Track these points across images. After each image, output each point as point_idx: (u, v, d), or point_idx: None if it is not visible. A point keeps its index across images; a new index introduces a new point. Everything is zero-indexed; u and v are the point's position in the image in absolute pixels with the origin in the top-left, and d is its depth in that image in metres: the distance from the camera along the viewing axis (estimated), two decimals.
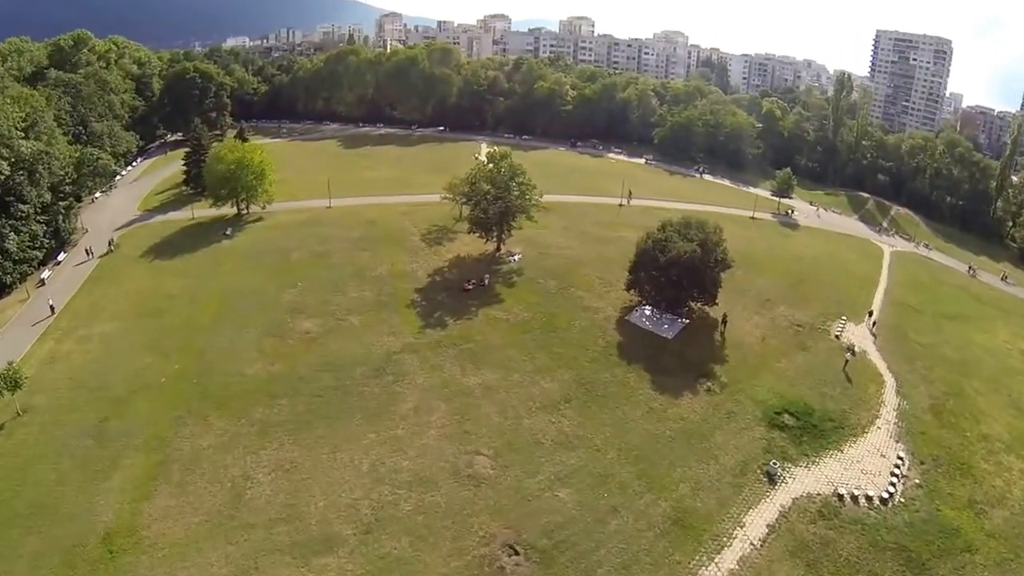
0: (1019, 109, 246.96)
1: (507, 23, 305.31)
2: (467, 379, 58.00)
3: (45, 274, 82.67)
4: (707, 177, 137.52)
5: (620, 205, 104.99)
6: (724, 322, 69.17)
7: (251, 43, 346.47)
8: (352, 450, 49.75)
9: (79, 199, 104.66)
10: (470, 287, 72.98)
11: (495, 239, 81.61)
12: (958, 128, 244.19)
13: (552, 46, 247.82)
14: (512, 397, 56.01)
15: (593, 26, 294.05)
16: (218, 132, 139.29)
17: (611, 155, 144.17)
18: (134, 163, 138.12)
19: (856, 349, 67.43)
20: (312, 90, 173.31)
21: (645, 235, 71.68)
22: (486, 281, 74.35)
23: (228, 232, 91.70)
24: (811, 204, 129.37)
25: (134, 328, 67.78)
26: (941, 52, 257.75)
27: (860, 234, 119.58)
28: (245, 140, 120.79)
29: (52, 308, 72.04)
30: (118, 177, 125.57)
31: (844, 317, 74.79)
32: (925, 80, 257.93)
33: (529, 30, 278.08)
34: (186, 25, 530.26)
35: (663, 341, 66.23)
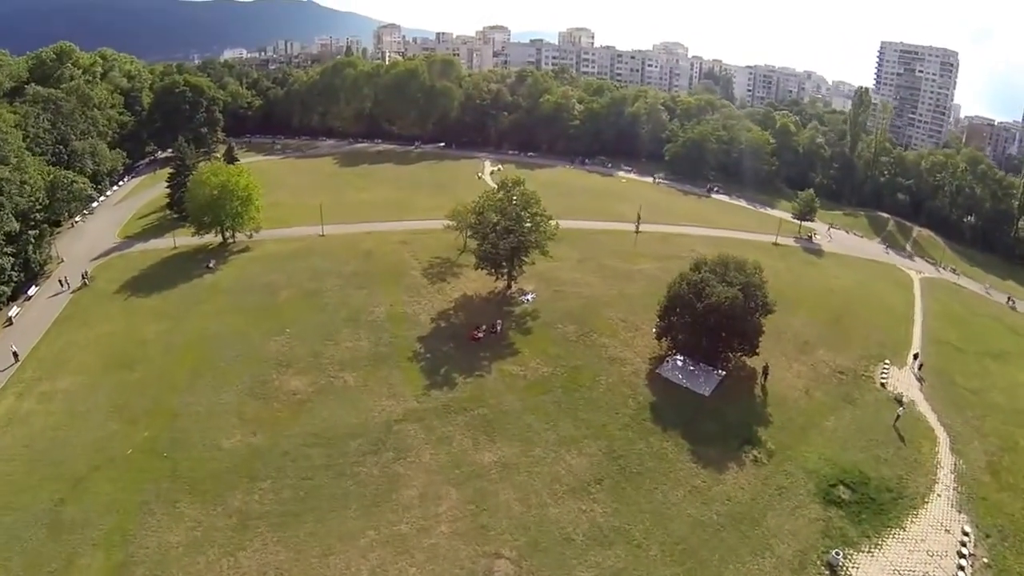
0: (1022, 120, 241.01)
1: (506, 35, 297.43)
2: (481, 455, 49.31)
3: (13, 311, 73.74)
4: (721, 197, 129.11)
5: (636, 231, 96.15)
6: (765, 374, 60.99)
7: (248, 55, 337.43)
8: (348, 552, 41.03)
9: (57, 224, 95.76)
10: (480, 335, 64.24)
11: (505, 276, 72.55)
12: (964, 140, 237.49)
13: (554, 58, 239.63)
14: (534, 478, 47.34)
15: (593, 37, 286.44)
16: (206, 150, 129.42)
17: (620, 173, 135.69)
18: (120, 183, 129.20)
19: (905, 400, 60.83)
20: (308, 104, 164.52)
21: (679, 277, 63.22)
22: (498, 328, 65.64)
23: (211, 264, 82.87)
24: (830, 226, 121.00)
25: (102, 384, 58.87)
26: (948, 64, 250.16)
27: (885, 259, 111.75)
28: (233, 160, 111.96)
29: (16, 355, 63.22)
30: (102, 198, 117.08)
31: (887, 361, 67.50)
32: (932, 92, 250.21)
33: (531, 41, 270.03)
34: (184, 37, 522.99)
35: (700, 399, 57.83)
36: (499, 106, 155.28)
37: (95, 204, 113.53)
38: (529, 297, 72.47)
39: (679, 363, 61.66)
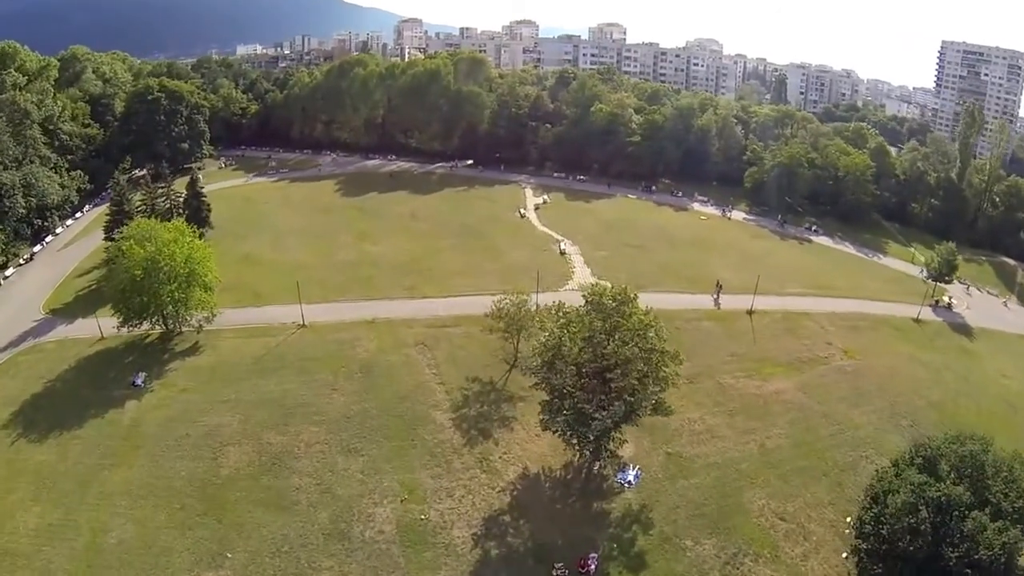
0: None
1: (535, 29, 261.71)
2: None
3: None
4: (822, 239, 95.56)
5: (750, 312, 64.31)
6: None
7: (262, 50, 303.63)
8: None
9: None
10: None
11: (591, 448, 40.22)
12: None
13: (593, 55, 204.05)
14: None
15: (625, 33, 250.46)
16: (191, 165, 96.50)
17: (696, 206, 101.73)
18: (79, 214, 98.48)
19: None
20: (309, 111, 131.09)
21: (893, 475, 34.10)
22: (591, 567, 33.86)
23: (140, 383, 52.59)
24: (968, 285, 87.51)
25: None
26: (1016, 67, 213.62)
27: None
28: (198, 194, 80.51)
29: None
30: (49, 238, 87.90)
31: None
32: (998, 97, 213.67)
33: (568, 37, 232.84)
34: (207, 32, 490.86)
35: None
36: (538, 115, 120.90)
37: (37, 248, 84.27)
38: (631, 478, 41.28)
39: None
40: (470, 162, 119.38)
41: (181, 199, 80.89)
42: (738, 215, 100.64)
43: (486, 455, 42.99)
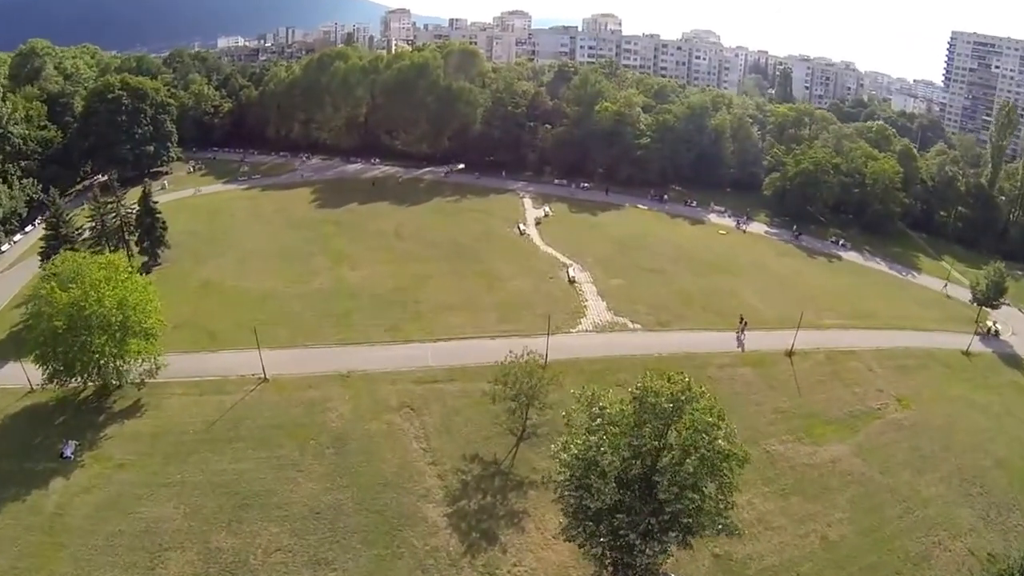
0: None
1: (527, 20, 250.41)
2: None
3: None
4: (851, 255, 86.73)
5: (789, 353, 55.60)
6: None
7: (243, 43, 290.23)
8: None
9: None
10: None
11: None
12: None
13: (591, 47, 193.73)
14: None
15: (620, 25, 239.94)
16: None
17: (712, 217, 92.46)
18: (28, 228, 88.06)
19: None
20: (285, 110, 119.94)
21: None
22: None
23: (69, 454, 43.63)
24: (1007, 304, 78.88)
25: None
26: None
27: None
28: (151, 210, 70.50)
29: None
30: None
31: None
32: (1009, 91, 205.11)
33: (564, 28, 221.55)
34: (191, 25, 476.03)
35: None
36: (536, 114, 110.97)
37: None
38: None
39: None
40: (461, 166, 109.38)
41: (134, 215, 70.82)
42: (757, 227, 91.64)
43: (492, 568, 33.85)
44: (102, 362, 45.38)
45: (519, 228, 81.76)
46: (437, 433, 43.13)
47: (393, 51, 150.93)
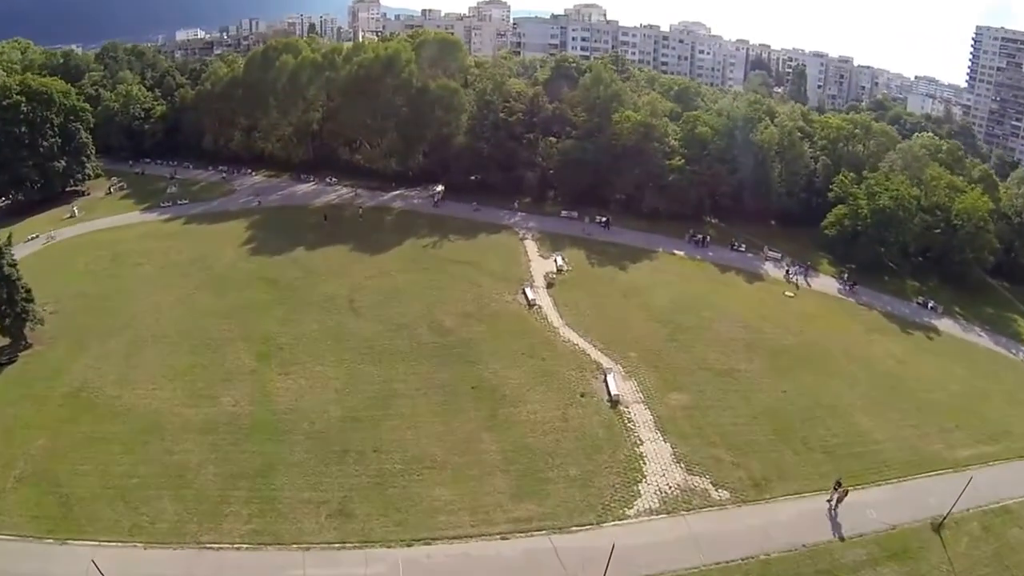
0: None
1: (505, 11, 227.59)
2: None
3: None
4: (946, 324, 64.33)
5: (937, 528, 35.04)
6: None
7: (202, 35, 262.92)
8: None
9: None
10: None
11: None
12: None
13: (584, 39, 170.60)
14: None
15: (604, 15, 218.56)
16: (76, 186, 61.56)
17: (768, 266, 69.53)
18: None
19: None
20: (224, 114, 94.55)
21: None
22: None
23: None
24: None
25: None
26: None
27: None
28: (5, 277, 46.56)
29: None
30: None
31: None
32: None
33: (555, 17, 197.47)
34: (154, 16, 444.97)
35: None
36: (534, 121, 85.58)
37: None
38: None
39: None
40: (440, 190, 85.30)
41: None
42: (823, 281, 69.03)
43: None
44: None
45: (525, 294, 57.21)
46: None
47: (355, 42, 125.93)
